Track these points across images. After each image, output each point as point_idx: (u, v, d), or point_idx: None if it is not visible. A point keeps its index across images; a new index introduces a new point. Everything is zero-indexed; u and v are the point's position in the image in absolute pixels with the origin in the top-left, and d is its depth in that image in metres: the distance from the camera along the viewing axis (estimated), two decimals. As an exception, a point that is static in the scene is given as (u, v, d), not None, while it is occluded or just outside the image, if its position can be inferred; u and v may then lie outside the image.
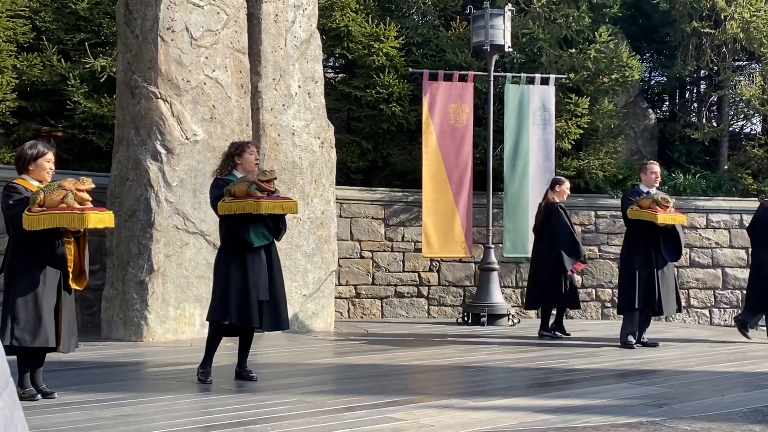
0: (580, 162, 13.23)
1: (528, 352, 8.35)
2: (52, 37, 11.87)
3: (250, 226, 6.26)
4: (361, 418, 5.06)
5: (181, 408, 5.41)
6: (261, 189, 6.24)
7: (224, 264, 6.36)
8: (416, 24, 13.86)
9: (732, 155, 15.03)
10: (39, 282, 5.49)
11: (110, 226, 5.75)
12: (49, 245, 5.49)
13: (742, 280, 12.92)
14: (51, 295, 5.52)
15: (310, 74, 10.31)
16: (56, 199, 5.42)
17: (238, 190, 6.26)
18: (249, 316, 6.20)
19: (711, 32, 14.11)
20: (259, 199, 6.18)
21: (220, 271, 6.38)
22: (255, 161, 6.52)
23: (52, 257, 5.49)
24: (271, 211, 6.26)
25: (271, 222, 6.38)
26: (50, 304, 5.51)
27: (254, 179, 6.25)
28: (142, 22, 9.24)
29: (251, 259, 6.26)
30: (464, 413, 5.24)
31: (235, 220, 6.29)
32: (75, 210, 5.40)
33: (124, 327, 9.04)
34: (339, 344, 9.26)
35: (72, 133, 11.53)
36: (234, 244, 6.32)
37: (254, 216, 6.25)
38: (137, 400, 5.61)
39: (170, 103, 9.14)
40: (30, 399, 5.52)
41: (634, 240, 8.72)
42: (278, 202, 6.32)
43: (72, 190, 5.45)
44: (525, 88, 11.79)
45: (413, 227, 12.20)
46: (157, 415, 5.14)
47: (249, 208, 6.19)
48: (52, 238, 5.48)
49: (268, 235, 6.36)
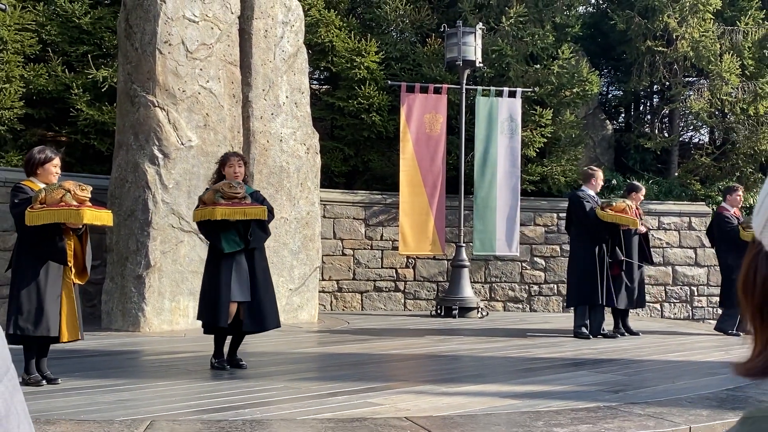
0: (543, 168, 13.29)
1: (495, 342, 8.37)
2: (57, 49, 11.76)
3: (220, 233, 6.12)
4: (342, 403, 5.05)
5: (176, 393, 5.37)
6: (226, 197, 6.10)
7: (205, 266, 6.37)
8: (395, 40, 13.86)
9: (682, 163, 15.15)
10: (41, 275, 5.44)
11: (108, 224, 5.71)
12: (50, 240, 5.44)
13: (690, 277, 13.03)
14: (54, 288, 5.47)
15: (297, 86, 10.29)
16: (56, 197, 5.39)
17: (207, 197, 6.17)
18: (217, 316, 6.09)
19: (664, 50, 14.22)
20: (216, 206, 6.05)
21: (203, 272, 6.41)
22: (234, 174, 6.32)
23: (52, 252, 5.45)
24: (231, 217, 6.07)
25: (242, 228, 6.21)
26: (53, 297, 5.46)
27: (219, 187, 6.13)
28: (141, 36, 9.18)
29: (227, 262, 6.14)
30: (438, 398, 5.25)
31: (206, 226, 6.20)
32: (72, 207, 5.36)
33: (123, 318, 8.97)
34: (322, 335, 9.23)
35: (75, 139, 11.43)
36: (212, 248, 6.27)
37: (225, 222, 6.10)
38: (135, 386, 5.57)
39: (167, 111, 9.08)
40: (35, 384, 5.47)
41: (592, 238, 8.68)
42: (239, 208, 6.11)
43: (71, 190, 5.41)
44: (494, 101, 11.82)
45: (391, 227, 12.20)
46: (154, 400, 5.10)
47: (207, 215, 6.08)
48: (53, 234, 5.43)
49: (238, 241, 6.16)
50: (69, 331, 5.53)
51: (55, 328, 5.47)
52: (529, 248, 12.62)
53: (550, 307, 12.62)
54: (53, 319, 5.45)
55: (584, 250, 8.71)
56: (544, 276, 12.69)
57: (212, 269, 6.20)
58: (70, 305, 5.54)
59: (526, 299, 12.62)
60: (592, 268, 8.57)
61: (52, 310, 5.45)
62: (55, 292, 5.48)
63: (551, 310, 12.58)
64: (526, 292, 12.63)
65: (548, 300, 12.64)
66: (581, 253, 8.74)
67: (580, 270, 8.69)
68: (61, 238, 5.45)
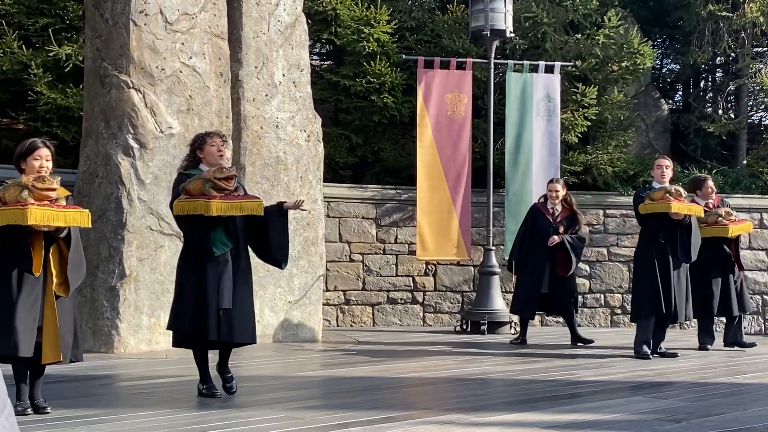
0: (587, 156, 13.27)
1: (533, 363, 8.38)
2: (12, 21, 11.82)
3: (210, 231, 6.11)
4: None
5: (158, 425, 5.39)
6: (217, 188, 6.08)
7: (182, 268, 6.30)
8: (410, 7, 13.88)
9: (751, 149, 15.11)
10: (13, 285, 5.46)
11: (81, 225, 5.64)
12: (13, 245, 5.47)
13: (762, 284, 12.99)
14: (28, 299, 5.48)
15: (295, 62, 10.32)
16: (14, 195, 5.41)
17: (193, 187, 6.10)
18: (206, 327, 6.10)
19: (728, 16, 14.17)
20: (211, 198, 6.02)
21: (178, 275, 6.35)
22: (218, 153, 6.32)
23: (15, 258, 5.47)
24: (227, 212, 6.07)
25: (233, 226, 6.22)
26: (25, 310, 5.47)
27: (210, 176, 6.10)
28: (112, 4, 9.22)
29: (212, 264, 6.14)
30: (467, 429, 5.26)
31: (191, 222, 6.16)
32: (17, 206, 5.37)
33: (94, 337, 9.02)
34: (328, 355, 9.26)
35: (35, 126, 11.47)
36: (194, 247, 6.24)
37: (212, 218, 6.08)
38: (110, 417, 5.59)
39: (143, 93, 9.12)
40: (20, 414, 5.49)
41: (650, 240, 8.74)
42: (236, 202, 6.11)
43: (29, 185, 5.42)
44: (528, 77, 11.82)
45: (407, 227, 12.22)
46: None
47: (199, 209, 6.04)
48: (16, 237, 5.45)
49: (226, 241, 6.18)
50: (51, 351, 5.55)
51: (27, 347, 5.44)
52: (571, 251, 12.59)
53: (596, 320, 12.62)
54: (25, 335, 5.44)
55: (642, 253, 8.87)
56: (589, 284, 12.68)
57: (194, 272, 6.17)
58: (52, 320, 5.55)
59: (567, 312, 12.59)
60: (652, 275, 8.63)
61: (25, 325, 5.45)
62: (30, 305, 5.48)
63: (598, 324, 12.58)
64: (567, 304, 12.60)
65: (594, 312, 12.63)
66: (640, 258, 8.96)
67: (641, 277, 8.86)
68: (25, 242, 5.48)
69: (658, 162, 9.00)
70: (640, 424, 5.43)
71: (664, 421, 5.49)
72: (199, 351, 6.40)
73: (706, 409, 5.96)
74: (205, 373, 6.37)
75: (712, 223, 9.37)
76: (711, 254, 9.33)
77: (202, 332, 6.16)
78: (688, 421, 5.51)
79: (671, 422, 5.48)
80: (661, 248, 8.69)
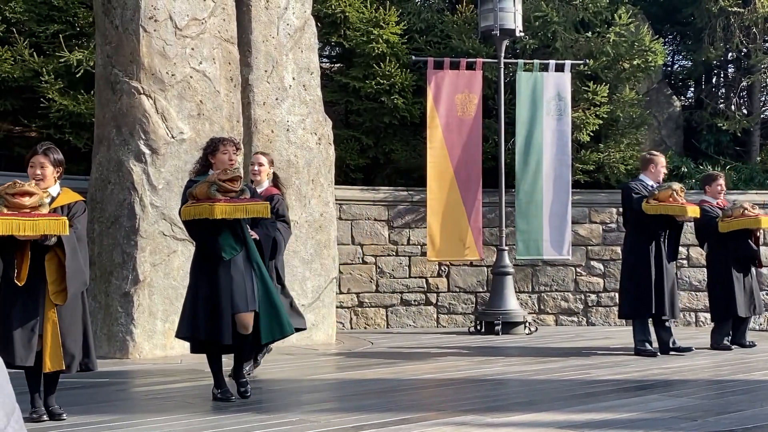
0: (599, 155, 13.25)
1: (547, 363, 8.37)
2: (23, 29, 11.89)
3: (217, 235, 6.13)
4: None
5: (174, 431, 5.42)
6: (222, 190, 6.08)
7: (194, 273, 6.34)
8: (419, 8, 13.89)
9: (765, 145, 15.06)
10: (10, 294, 5.49)
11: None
12: (2, 255, 5.49)
13: (778, 280, 12.92)
14: (25, 307, 5.50)
15: (305, 65, 10.34)
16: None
17: (199, 191, 6.10)
18: (219, 331, 6.14)
19: (740, 11, 14.13)
20: (215, 202, 6.01)
21: (191, 280, 6.38)
22: (229, 162, 6.33)
23: (4, 268, 5.49)
24: (231, 215, 6.07)
25: (240, 229, 6.24)
26: (22, 318, 5.48)
27: (214, 179, 6.09)
28: (121, 11, 9.27)
29: (224, 268, 6.16)
30: (482, 430, 5.26)
31: (198, 226, 6.18)
32: None
33: (108, 343, 9.06)
34: (342, 358, 9.28)
35: (47, 134, 11.53)
36: (205, 252, 6.27)
37: (218, 222, 6.08)
38: (126, 422, 5.62)
39: (154, 98, 9.17)
40: (36, 420, 5.53)
41: (647, 237, 8.69)
42: (240, 204, 6.10)
43: (2, 195, 5.42)
44: (538, 76, 11.81)
45: (420, 229, 12.22)
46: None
47: (204, 213, 6.04)
48: (3, 247, 5.46)
49: (235, 245, 6.19)
50: (52, 360, 5.57)
51: (24, 357, 5.46)
52: (584, 250, 12.60)
53: (610, 319, 12.60)
54: (21, 345, 5.46)
55: (636, 251, 8.78)
56: (603, 283, 12.66)
57: (206, 276, 6.19)
58: (53, 329, 5.57)
59: (581, 311, 12.60)
60: (647, 272, 8.61)
61: (22, 334, 5.48)
62: (28, 314, 5.51)
63: (612, 323, 12.55)
64: (581, 303, 12.61)
65: (608, 311, 12.61)
66: (633, 255, 8.82)
67: (637, 275, 8.75)
68: (9, 252, 5.48)
69: (662, 161, 9.04)
70: (656, 422, 5.43)
71: (680, 419, 5.49)
72: (213, 355, 6.43)
73: (722, 407, 5.95)
74: (219, 378, 6.41)
75: (738, 216, 9.10)
76: (734, 250, 9.23)
77: (217, 336, 6.20)
78: (704, 419, 5.51)
79: (687, 420, 5.47)
80: (657, 246, 8.67)
